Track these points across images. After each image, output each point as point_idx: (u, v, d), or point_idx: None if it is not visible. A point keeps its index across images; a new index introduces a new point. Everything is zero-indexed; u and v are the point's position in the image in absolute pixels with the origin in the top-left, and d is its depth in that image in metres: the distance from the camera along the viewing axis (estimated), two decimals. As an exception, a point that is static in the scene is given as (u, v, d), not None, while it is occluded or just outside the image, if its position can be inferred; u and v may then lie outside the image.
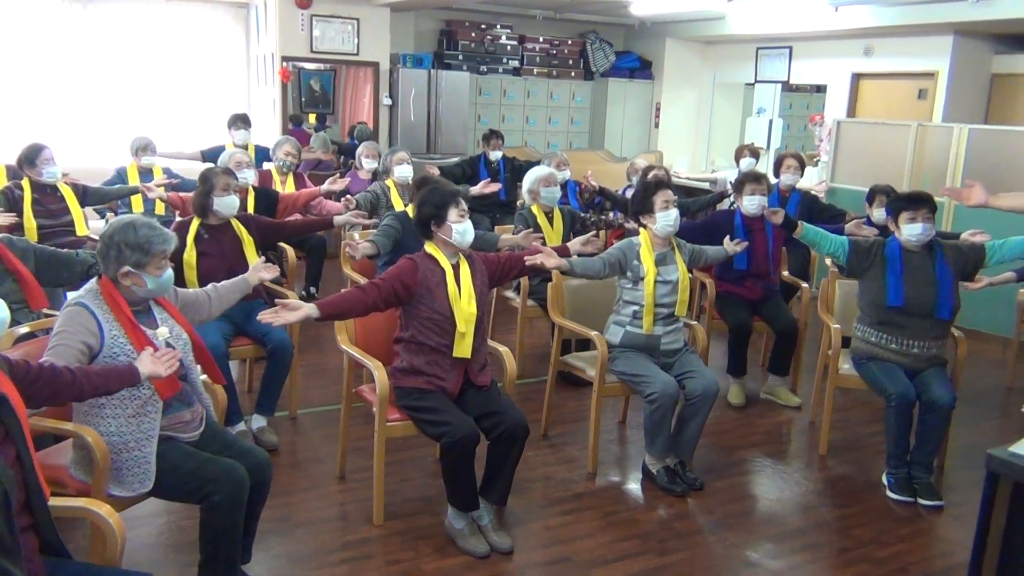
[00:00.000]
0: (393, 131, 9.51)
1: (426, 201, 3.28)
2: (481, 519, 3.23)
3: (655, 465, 3.77)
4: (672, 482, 3.71)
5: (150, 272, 2.65)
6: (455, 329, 3.21)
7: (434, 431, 3.16)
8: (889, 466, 3.83)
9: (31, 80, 8.47)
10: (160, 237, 2.69)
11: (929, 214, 3.80)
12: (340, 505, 3.52)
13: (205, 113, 9.11)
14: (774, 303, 4.90)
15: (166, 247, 2.69)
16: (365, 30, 9.14)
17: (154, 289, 2.70)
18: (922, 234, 3.78)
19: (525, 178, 5.30)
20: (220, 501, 2.54)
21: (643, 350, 3.81)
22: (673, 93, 11.13)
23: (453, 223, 3.24)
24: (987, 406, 4.99)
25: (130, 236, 2.64)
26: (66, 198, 5.38)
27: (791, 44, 9.85)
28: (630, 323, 3.84)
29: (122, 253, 2.62)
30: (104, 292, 2.64)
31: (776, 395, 4.90)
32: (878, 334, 3.87)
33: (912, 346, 3.81)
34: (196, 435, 2.74)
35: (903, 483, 3.76)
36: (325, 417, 4.37)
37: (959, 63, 8.34)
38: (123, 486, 2.57)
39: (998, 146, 6.55)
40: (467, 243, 3.29)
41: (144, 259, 2.63)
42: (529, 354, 5.35)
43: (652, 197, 3.83)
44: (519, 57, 10.52)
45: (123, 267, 2.62)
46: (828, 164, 7.73)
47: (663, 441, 3.72)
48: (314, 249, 6.32)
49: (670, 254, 3.89)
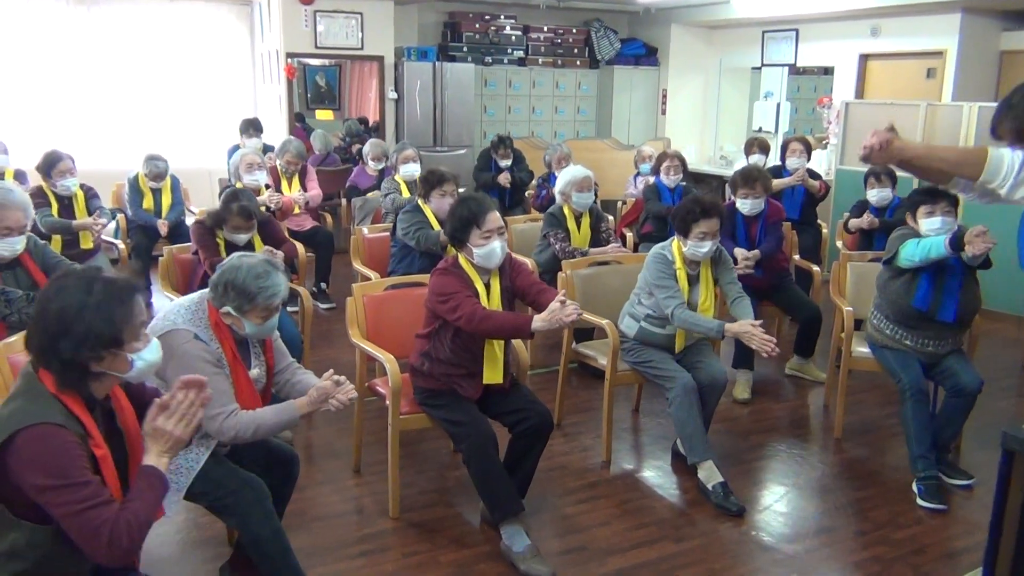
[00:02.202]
0: (399, 125, 9.51)
1: (452, 216, 3.16)
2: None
3: (710, 479, 3.52)
4: (727, 499, 3.47)
5: (251, 319, 2.58)
6: (484, 352, 3.13)
7: (452, 431, 3.13)
8: (916, 470, 3.61)
9: (37, 83, 8.51)
10: (270, 290, 2.55)
11: (949, 207, 3.68)
12: (356, 498, 3.53)
13: (211, 112, 9.13)
14: (788, 290, 4.89)
15: (273, 300, 2.57)
16: (369, 24, 9.13)
17: (253, 334, 2.62)
18: (940, 228, 3.66)
19: (560, 177, 5.26)
20: (246, 513, 2.47)
21: (657, 346, 3.79)
22: (679, 79, 11.07)
23: (474, 245, 3.10)
24: (1001, 386, 4.96)
25: (236, 279, 2.54)
26: (76, 210, 5.37)
27: (797, 26, 9.78)
28: (644, 320, 3.80)
29: (227, 293, 2.54)
30: (212, 320, 2.57)
31: (804, 371, 5.00)
32: (893, 328, 3.77)
33: (928, 344, 3.72)
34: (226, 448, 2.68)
35: (934, 490, 3.55)
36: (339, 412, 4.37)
37: (967, 41, 8.26)
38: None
39: (1008, 124, 6.49)
40: (491, 267, 3.15)
41: (247, 306, 2.55)
42: (540, 344, 5.35)
43: (693, 224, 3.62)
44: (524, 47, 10.48)
45: (224, 307, 2.56)
46: (837, 146, 7.68)
47: (700, 438, 3.57)
48: (322, 245, 6.34)
49: (696, 276, 3.76)
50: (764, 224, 4.83)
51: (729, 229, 4.73)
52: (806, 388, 4.91)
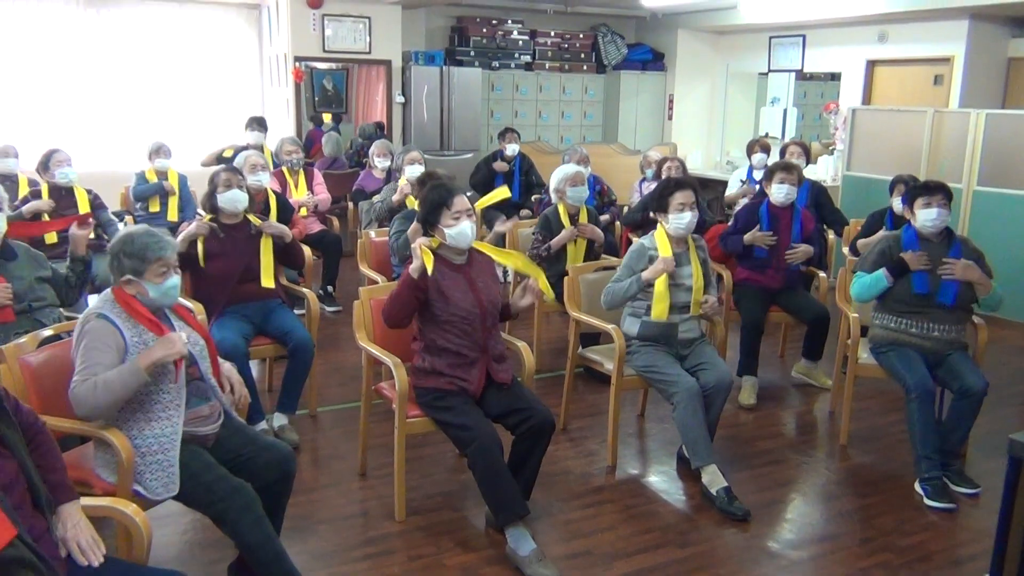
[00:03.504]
0: (406, 129, 9.54)
1: (423, 202, 3.29)
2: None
3: (714, 483, 3.52)
4: (731, 504, 3.46)
5: (150, 279, 2.67)
6: (477, 327, 3.20)
7: (457, 434, 3.15)
8: (921, 471, 3.65)
9: (46, 85, 8.55)
10: (157, 244, 2.69)
11: (944, 200, 3.81)
12: (362, 502, 3.54)
13: (219, 115, 9.17)
14: (796, 293, 4.89)
15: (163, 254, 2.69)
16: (376, 28, 9.17)
17: (157, 297, 2.69)
18: (936, 219, 3.80)
19: (552, 176, 5.25)
20: (236, 520, 2.51)
21: (661, 340, 3.80)
22: (686, 85, 11.09)
23: (445, 227, 3.21)
24: (1008, 393, 4.95)
25: (127, 245, 2.68)
26: (79, 203, 5.40)
27: (804, 32, 9.78)
28: (646, 314, 3.83)
29: (121, 262, 2.67)
30: (119, 300, 2.66)
31: (812, 377, 5.01)
32: (898, 319, 3.86)
33: (932, 329, 3.80)
34: (215, 428, 2.75)
35: (939, 489, 3.58)
36: (345, 415, 4.40)
37: (975, 47, 8.26)
38: (148, 489, 2.58)
39: (1016, 131, 6.49)
40: (463, 246, 3.24)
41: (142, 267, 2.66)
42: (546, 348, 5.35)
43: (669, 197, 3.80)
44: (531, 52, 10.51)
45: (124, 275, 2.66)
46: (844, 152, 7.69)
47: (704, 442, 3.58)
48: (330, 247, 6.36)
49: (685, 255, 3.84)
50: (801, 228, 4.84)
51: (749, 222, 4.80)
52: (812, 395, 4.91)
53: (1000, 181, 6.46)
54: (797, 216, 4.86)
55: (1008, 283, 4.77)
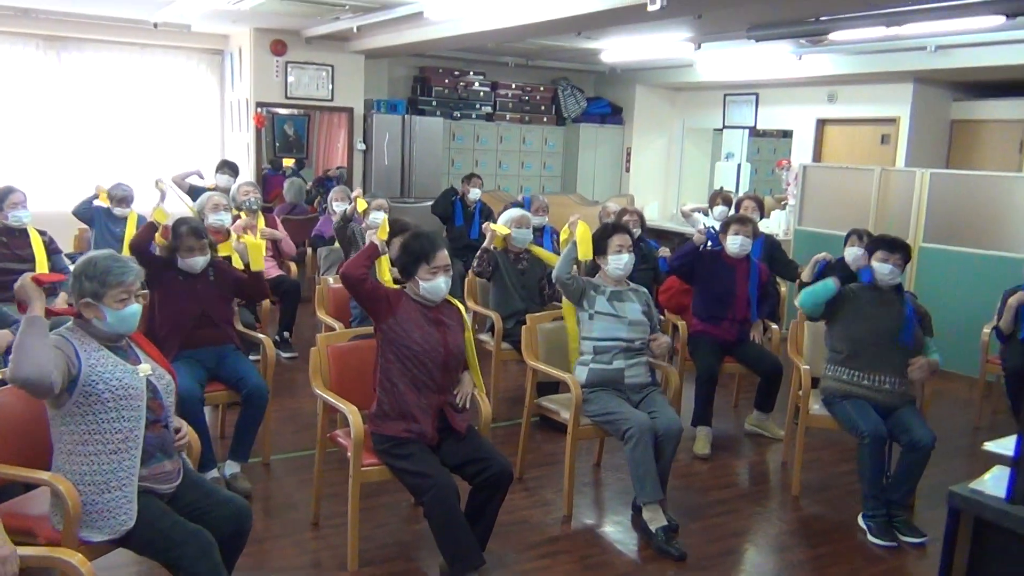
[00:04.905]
0: (367, 176, 9.58)
1: (404, 249, 3.31)
2: None
3: (654, 521, 3.59)
4: (669, 543, 3.54)
5: (109, 304, 2.59)
6: (438, 367, 3.22)
7: (414, 482, 3.12)
8: (866, 509, 3.82)
9: (5, 127, 8.45)
10: (120, 269, 2.63)
11: (900, 261, 4.01)
12: (314, 552, 3.49)
13: (179, 158, 9.12)
14: (751, 345, 4.97)
15: (124, 279, 2.62)
16: (340, 76, 9.26)
17: (114, 324, 2.62)
18: (888, 276, 3.99)
19: (500, 217, 5.37)
20: (191, 567, 2.46)
21: (609, 385, 3.86)
22: (644, 138, 11.33)
23: (421, 279, 3.25)
24: (954, 445, 5.06)
25: (89, 268, 2.63)
26: (32, 243, 5.31)
27: (757, 91, 10.09)
28: (593, 360, 3.90)
29: (82, 284, 2.60)
30: (78, 328, 2.62)
31: (764, 428, 5.07)
32: (849, 372, 3.97)
33: (883, 382, 3.90)
34: (173, 487, 2.69)
35: (883, 527, 3.75)
36: (299, 463, 4.34)
37: (919, 109, 8.61)
38: (102, 530, 2.50)
39: (959, 189, 6.74)
40: (436, 300, 3.29)
41: (102, 290, 2.59)
42: (503, 397, 5.36)
43: (607, 239, 4.05)
44: (492, 103, 10.67)
45: (83, 298, 2.59)
46: (796, 207, 7.88)
47: (652, 480, 3.61)
48: (288, 293, 6.32)
49: (628, 293, 4.01)
50: (758, 282, 4.96)
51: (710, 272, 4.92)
52: (765, 445, 4.97)
53: (944, 238, 6.67)
54: (754, 268, 4.98)
55: (952, 337, 4.91)
